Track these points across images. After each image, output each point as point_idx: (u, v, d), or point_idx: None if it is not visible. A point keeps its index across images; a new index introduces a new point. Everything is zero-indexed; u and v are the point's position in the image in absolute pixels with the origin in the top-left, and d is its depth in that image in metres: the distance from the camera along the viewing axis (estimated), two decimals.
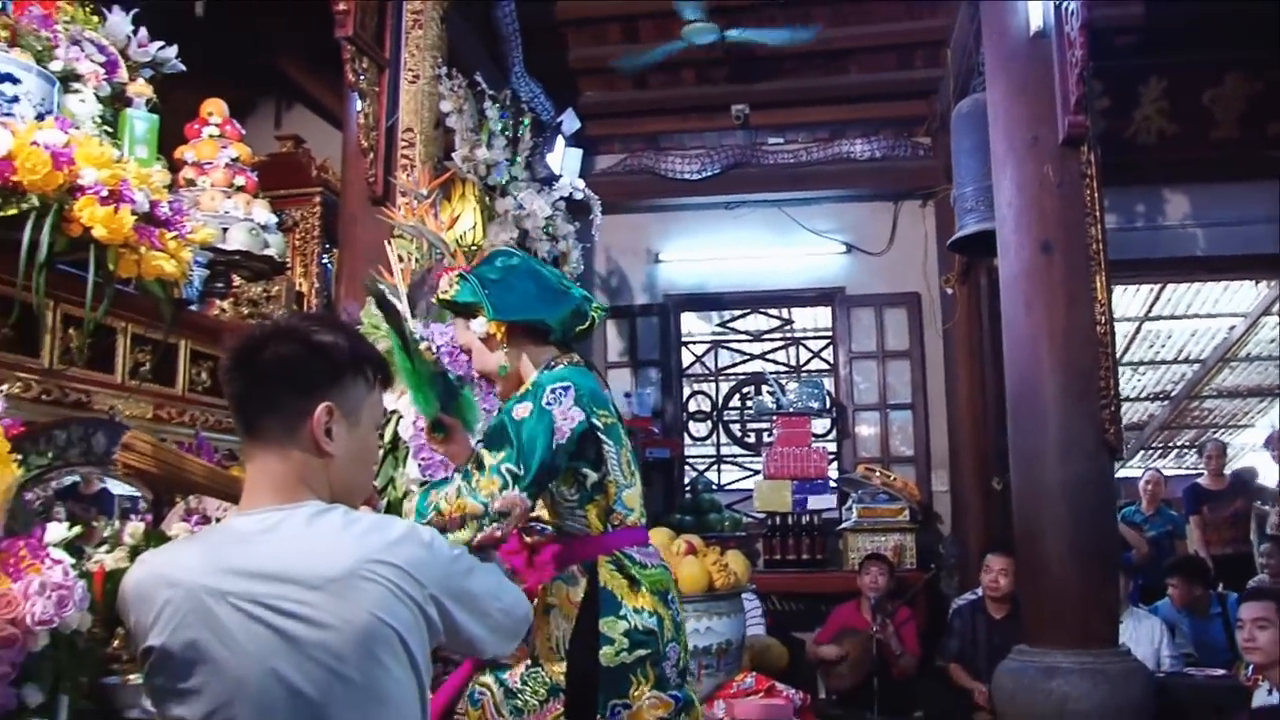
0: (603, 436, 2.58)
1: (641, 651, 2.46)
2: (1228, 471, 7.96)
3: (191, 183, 4.07)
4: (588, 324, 2.74)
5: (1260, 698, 4.31)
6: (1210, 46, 6.89)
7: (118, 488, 3.81)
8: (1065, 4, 4.47)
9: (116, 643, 2.85)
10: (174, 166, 3.91)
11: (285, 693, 1.52)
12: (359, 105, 4.70)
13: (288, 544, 1.60)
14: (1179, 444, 14.26)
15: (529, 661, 2.53)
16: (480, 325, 2.69)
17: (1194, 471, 12.98)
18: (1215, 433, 14.06)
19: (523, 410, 2.47)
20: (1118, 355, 5.46)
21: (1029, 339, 4.48)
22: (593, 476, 2.55)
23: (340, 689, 1.54)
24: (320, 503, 1.68)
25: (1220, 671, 5.32)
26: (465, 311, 2.73)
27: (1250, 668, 4.91)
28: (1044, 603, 4.43)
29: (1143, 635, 5.49)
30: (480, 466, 2.42)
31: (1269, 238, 7.62)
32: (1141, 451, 13.94)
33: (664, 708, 2.48)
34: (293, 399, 1.68)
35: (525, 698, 2.49)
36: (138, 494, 3.70)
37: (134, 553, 3.04)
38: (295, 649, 1.53)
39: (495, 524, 2.34)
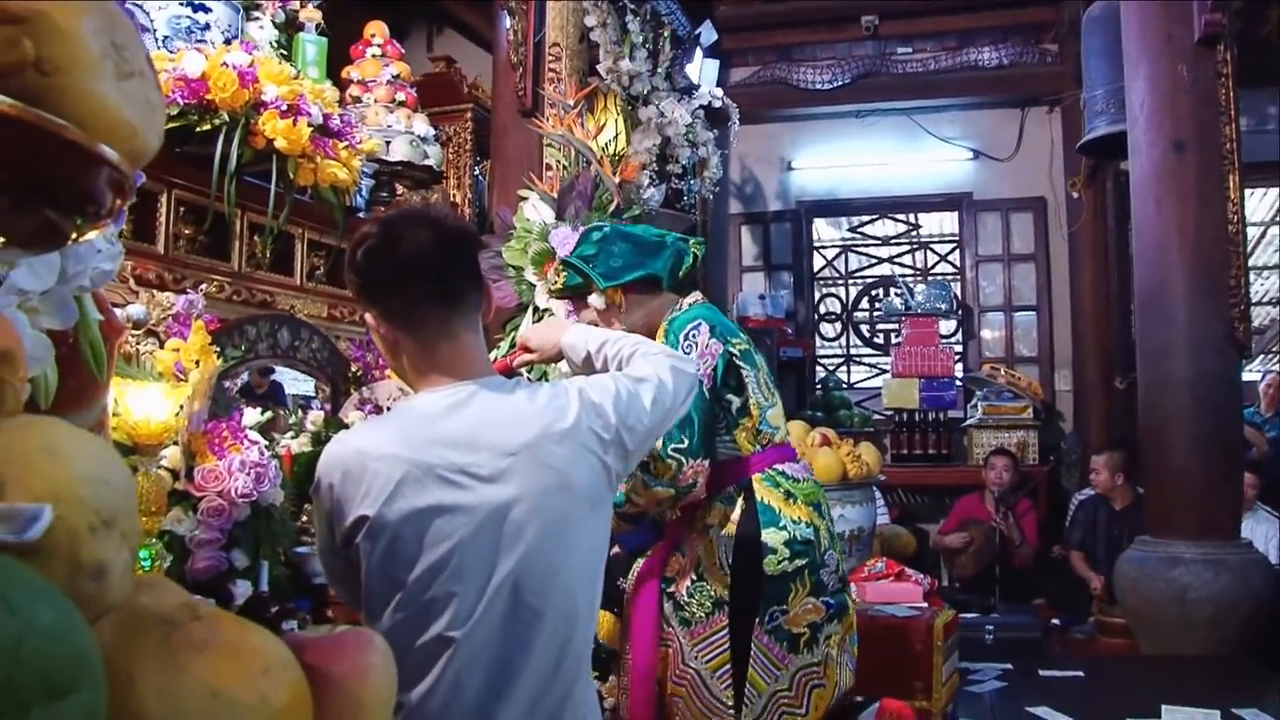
0: (740, 363, 2.58)
1: (801, 561, 2.47)
2: None
3: (357, 99, 4.14)
4: (693, 262, 2.74)
5: None
6: None
7: (290, 385, 3.98)
8: None
9: (305, 518, 3.00)
10: (341, 85, 3.98)
11: (495, 535, 1.61)
12: (508, 23, 4.71)
13: (481, 415, 1.67)
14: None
15: (694, 576, 2.53)
16: (598, 299, 2.69)
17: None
18: None
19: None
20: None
21: (1159, 237, 4.32)
22: (736, 402, 2.56)
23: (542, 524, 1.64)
24: (498, 377, 1.77)
25: None
26: (581, 293, 2.74)
27: None
28: (1168, 494, 4.34)
29: (1259, 535, 5.32)
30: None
31: None
32: (1263, 355, 13.34)
33: (817, 613, 2.49)
34: (479, 277, 1.76)
35: (692, 609, 2.52)
36: (311, 391, 3.85)
37: (315, 438, 3.18)
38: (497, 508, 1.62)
39: (689, 495, 2.41)
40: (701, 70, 5.68)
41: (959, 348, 8.02)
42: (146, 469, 2.24)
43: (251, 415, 2.72)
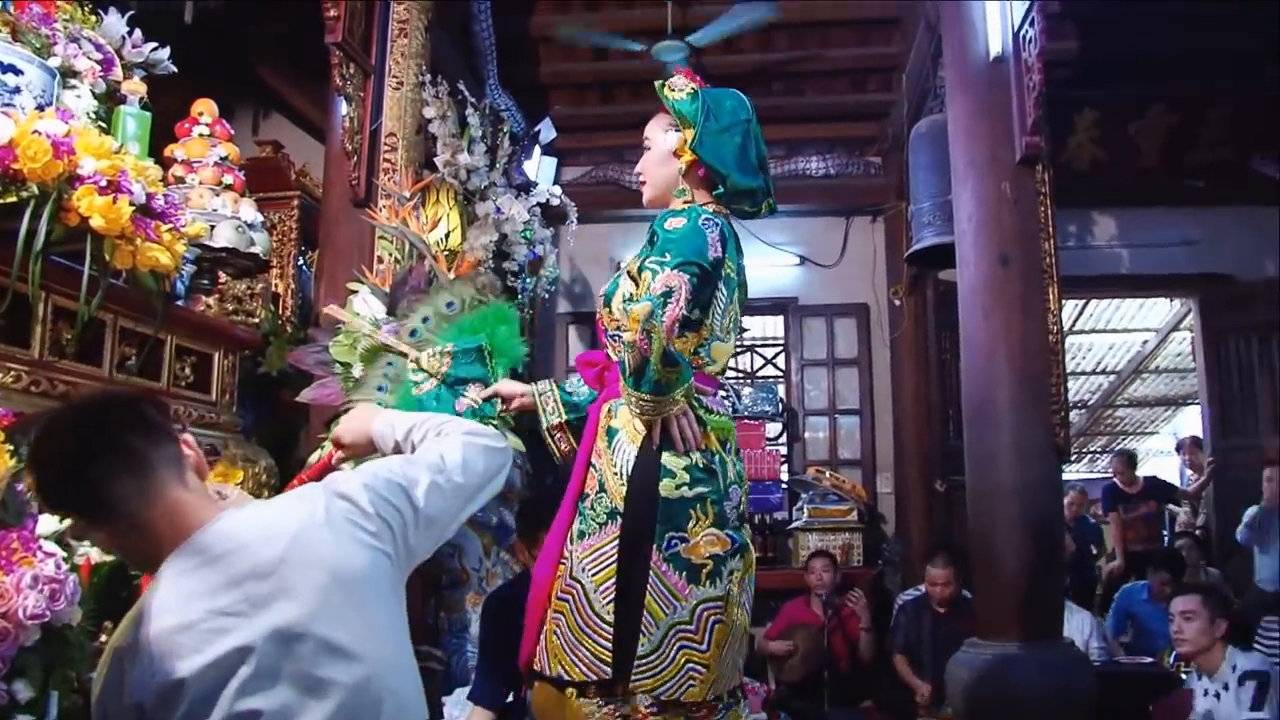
0: (720, 285, 2.48)
1: (702, 489, 2.36)
2: (1140, 475, 7.98)
3: (181, 180, 3.88)
4: (753, 208, 2.64)
5: (1192, 684, 4.28)
6: (1135, 82, 6.92)
7: None
8: (1024, 32, 4.40)
9: (104, 636, 2.67)
10: (163, 164, 3.72)
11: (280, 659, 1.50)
12: (344, 109, 4.51)
13: (224, 553, 1.55)
14: (1093, 449, 14.38)
15: (598, 486, 2.41)
16: (674, 141, 2.58)
17: (1106, 475, 13.15)
18: (1125, 440, 14.21)
19: (676, 222, 2.40)
20: None
21: (988, 347, 4.38)
22: (694, 314, 2.40)
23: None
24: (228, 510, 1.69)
25: (1149, 660, 5.29)
26: (671, 116, 2.59)
27: (1174, 655, 4.92)
28: (996, 597, 4.34)
29: (1074, 628, 5.44)
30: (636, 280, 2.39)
31: (1184, 259, 7.71)
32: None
33: (720, 545, 2.36)
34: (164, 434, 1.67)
35: (588, 520, 2.39)
36: None
37: None
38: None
39: (666, 305, 2.22)
40: (539, 167, 5.62)
41: (784, 450, 8.06)
42: None
43: (49, 523, 2.39)
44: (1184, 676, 4.61)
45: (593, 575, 2.34)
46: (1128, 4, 6.05)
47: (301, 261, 6.35)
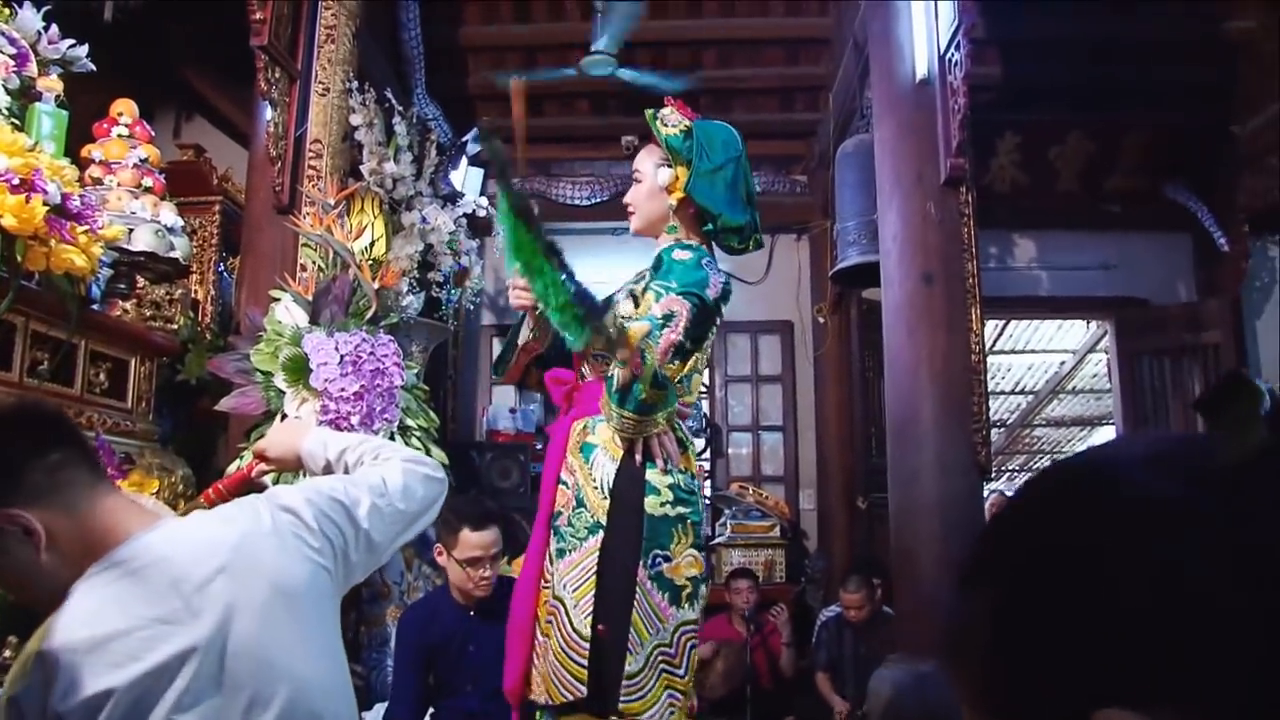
0: (714, 326, 2.57)
1: (684, 509, 2.42)
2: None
3: (98, 181, 3.79)
4: (741, 244, 2.71)
5: None
6: (1055, 107, 7.06)
7: None
8: (949, 55, 4.49)
9: (8, 652, 2.59)
10: (80, 165, 3.62)
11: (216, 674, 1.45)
12: (269, 114, 4.45)
13: (163, 559, 1.50)
14: (1010, 468, 14.63)
15: (575, 503, 2.42)
16: (666, 177, 2.64)
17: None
18: (1042, 459, 14.49)
19: (684, 255, 2.49)
20: None
21: (911, 364, 4.45)
22: (687, 344, 2.45)
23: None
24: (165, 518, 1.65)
25: None
26: (662, 150, 2.66)
27: None
28: (918, 614, 4.40)
29: None
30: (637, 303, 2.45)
31: (1100, 282, 7.88)
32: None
33: (697, 566, 2.42)
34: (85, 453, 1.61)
35: (567, 538, 2.40)
36: None
37: None
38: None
39: (666, 328, 2.31)
40: (466, 178, 5.58)
41: (708, 466, 8.08)
42: None
43: None
44: None
45: (573, 591, 2.34)
46: (1048, 32, 6.23)
47: (222, 268, 6.23)
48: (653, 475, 2.39)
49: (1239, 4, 6.70)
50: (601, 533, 2.36)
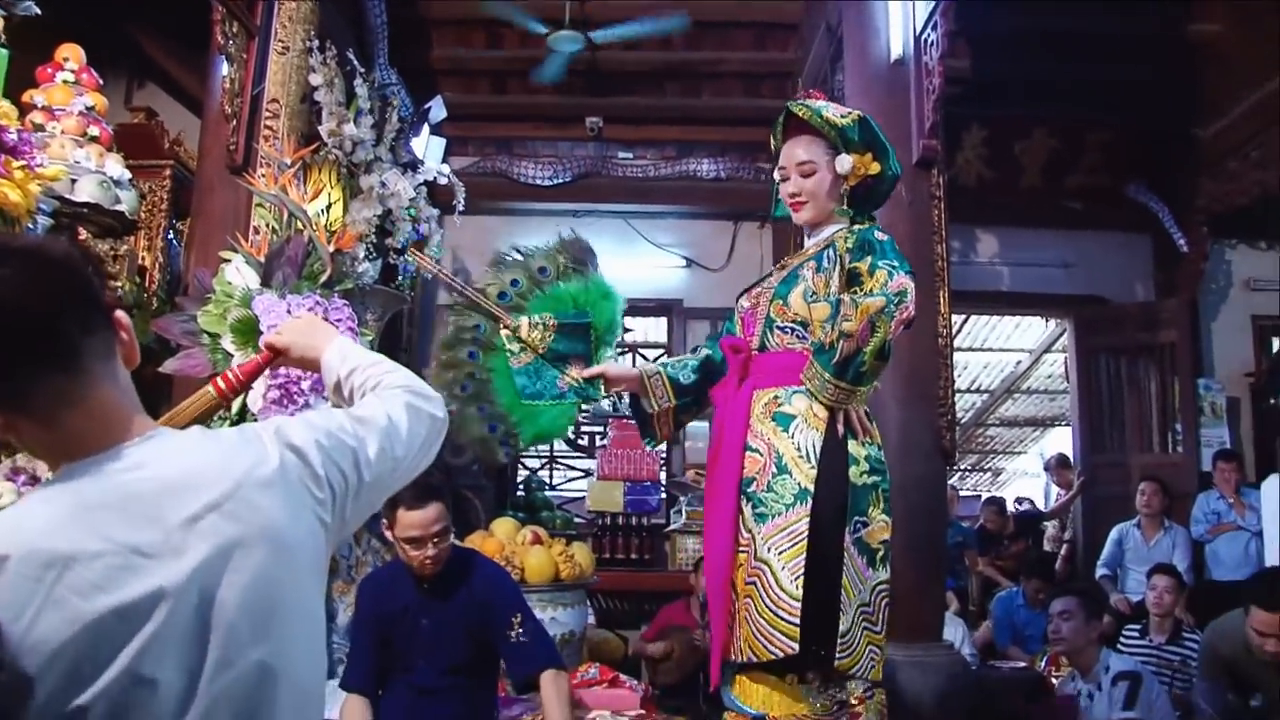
0: None
1: (877, 477, 2.53)
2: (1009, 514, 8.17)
3: (40, 128, 3.61)
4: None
5: (1066, 687, 4.34)
6: (1022, 103, 7.07)
7: None
8: (925, 35, 4.44)
9: None
10: (21, 111, 3.46)
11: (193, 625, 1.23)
12: (225, 70, 4.30)
13: (153, 479, 1.27)
14: (963, 467, 14.70)
15: (775, 470, 2.48)
16: (847, 165, 2.65)
17: (975, 494, 13.46)
18: (995, 458, 14.57)
19: (883, 236, 2.57)
20: None
21: None
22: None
23: None
24: (162, 431, 1.36)
25: (1022, 664, 5.37)
26: (832, 141, 2.67)
27: (1045, 659, 5.01)
28: None
29: (946, 635, 5.49)
30: (856, 283, 2.48)
31: (1061, 280, 7.91)
32: None
33: (887, 531, 2.53)
34: (101, 311, 1.31)
35: (770, 503, 2.46)
36: None
37: None
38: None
39: (900, 304, 2.38)
40: (428, 146, 5.44)
41: (664, 452, 8.00)
42: None
43: None
44: (1054, 681, 4.67)
45: (780, 553, 2.41)
46: (1017, 27, 6.20)
47: (171, 235, 6.06)
48: (853, 446, 2.48)
49: (1204, 7, 6.74)
50: (810, 500, 2.42)
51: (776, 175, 2.85)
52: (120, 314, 1.34)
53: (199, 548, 1.24)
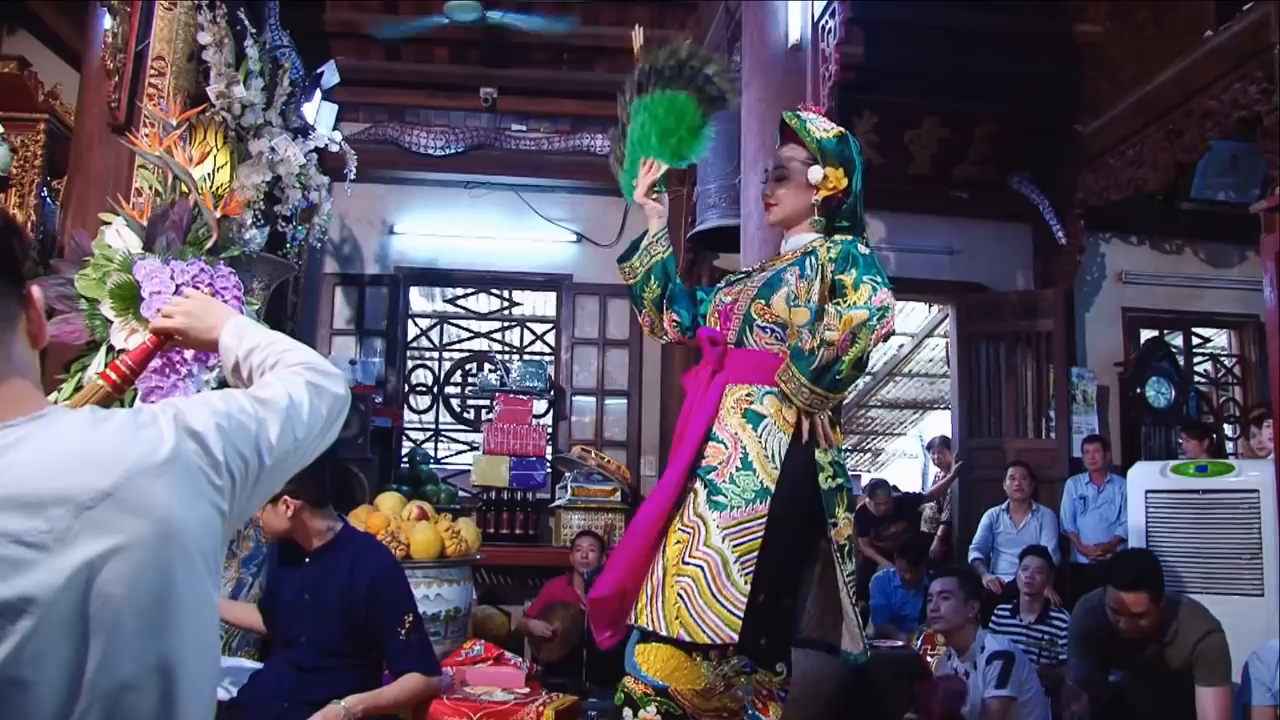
0: None
1: (840, 480, 2.65)
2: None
3: None
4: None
5: (943, 666, 4.50)
6: (912, 92, 7.21)
7: None
8: (824, 23, 4.52)
9: None
10: None
11: (75, 622, 1.14)
12: (107, 23, 4.17)
13: (39, 461, 1.18)
14: (845, 448, 15.02)
15: (739, 465, 2.58)
16: (817, 175, 2.77)
17: (855, 474, 13.76)
18: (876, 439, 14.93)
19: (865, 248, 2.69)
20: None
21: None
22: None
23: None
24: (55, 410, 1.26)
25: (899, 643, 5.55)
26: (812, 152, 2.79)
27: (921, 639, 5.18)
28: None
29: None
30: (839, 294, 2.59)
31: (945, 266, 8.16)
32: None
33: (851, 527, 2.65)
34: (7, 279, 1.24)
35: (729, 495, 2.56)
36: None
37: None
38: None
39: (882, 319, 2.52)
40: (319, 112, 5.35)
41: (550, 428, 8.03)
42: None
43: None
44: (930, 660, 4.84)
45: (735, 546, 2.51)
46: (911, 17, 6.36)
47: (45, 193, 5.84)
48: (817, 454, 2.61)
49: (1089, 9, 7.00)
50: (769, 499, 2.55)
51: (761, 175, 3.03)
52: (35, 290, 1.28)
53: (86, 539, 1.15)
